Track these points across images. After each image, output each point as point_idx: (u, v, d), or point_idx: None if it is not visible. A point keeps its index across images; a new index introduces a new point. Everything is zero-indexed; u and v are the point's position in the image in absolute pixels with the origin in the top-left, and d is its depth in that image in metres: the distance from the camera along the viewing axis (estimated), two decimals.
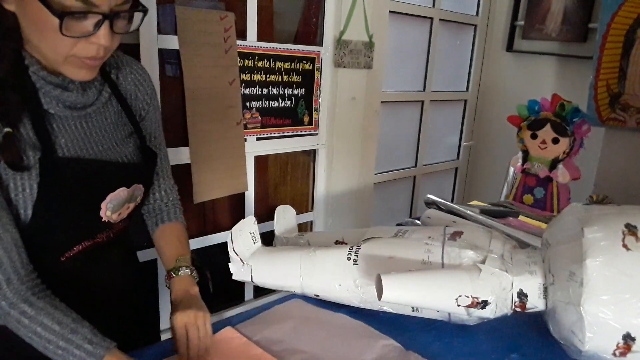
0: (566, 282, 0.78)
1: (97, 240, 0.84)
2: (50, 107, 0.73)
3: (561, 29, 2.38)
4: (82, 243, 0.81)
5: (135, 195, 0.86)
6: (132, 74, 0.89)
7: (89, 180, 0.77)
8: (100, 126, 0.81)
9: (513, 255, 0.91)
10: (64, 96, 0.74)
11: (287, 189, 2.15)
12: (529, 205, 1.72)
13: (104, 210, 0.80)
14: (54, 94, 0.73)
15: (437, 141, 2.79)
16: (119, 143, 0.84)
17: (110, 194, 0.80)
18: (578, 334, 0.76)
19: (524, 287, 0.86)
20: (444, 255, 0.92)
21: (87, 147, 0.78)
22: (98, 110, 0.81)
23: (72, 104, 0.76)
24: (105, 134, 0.82)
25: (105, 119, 0.83)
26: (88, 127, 0.79)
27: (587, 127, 1.61)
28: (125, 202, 0.84)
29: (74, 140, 0.77)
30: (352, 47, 1.93)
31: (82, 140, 0.78)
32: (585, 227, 0.78)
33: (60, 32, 0.64)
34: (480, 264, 0.87)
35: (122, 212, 0.84)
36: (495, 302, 0.85)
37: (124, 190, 0.82)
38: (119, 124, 0.85)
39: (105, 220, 0.82)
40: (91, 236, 0.82)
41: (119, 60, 0.88)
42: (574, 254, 0.78)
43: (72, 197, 0.75)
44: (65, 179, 0.74)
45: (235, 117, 1.61)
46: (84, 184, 0.77)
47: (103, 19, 0.66)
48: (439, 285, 0.85)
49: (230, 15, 1.53)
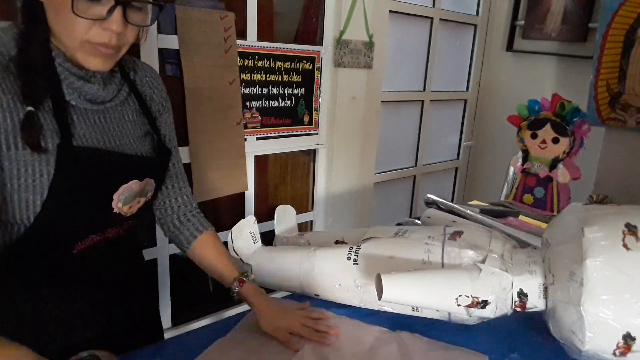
0: (566, 282, 0.78)
1: (107, 235, 0.85)
2: (72, 99, 0.76)
3: (561, 29, 2.38)
4: (93, 237, 0.83)
5: (146, 190, 0.87)
6: (147, 77, 0.92)
7: (103, 170, 0.79)
8: (118, 122, 0.84)
9: (513, 255, 0.91)
10: (86, 88, 0.76)
11: (287, 189, 2.15)
12: (529, 205, 1.72)
13: (116, 202, 0.81)
14: (76, 85, 0.75)
15: (437, 141, 2.79)
16: (135, 140, 0.87)
17: (123, 185, 0.81)
18: (578, 333, 0.76)
19: (524, 287, 0.86)
20: (444, 255, 0.92)
21: (104, 140, 0.81)
22: (117, 107, 0.84)
23: (92, 97, 0.78)
24: (123, 130, 0.85)
25: (123, 117, 0.85)
26: (107, 122, 0.82)
27: (587, 127, 1.61)
28: (136, 195, 0.85)
29: (92, 133, 0.79)
30: (352, 47, 1.93)
31: (100, 133, 0.80)
32: (585, 227, 0.78)
33: (72, 10, 0.67)
34: (481, 264, 0.87)
35: (132, 206, 0.85)
36: (496, 302, 0.85)
37: (136, 183, 0.83)
38: (136, 123, 0.88)
39: (116, 212, 0.83)
40: (102, 230, 0.84)
41: (136, 64, 0.91)
42: (574, 254, 0.78)
43: (86, 185, 0.77)
44: (81, 167, 0.76)
45: (235, 117, 1.61)
46: (98, 174, 0.79)
47: (115, 5, 0.69)
48: (439, 285, 0.86)
49: (230, 15, 1.53)
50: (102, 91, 0.79)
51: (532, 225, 1.44)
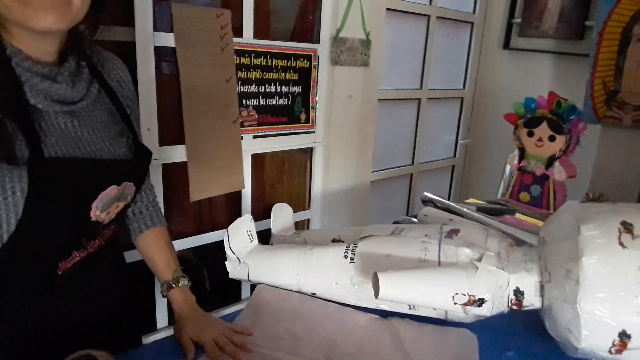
0: (562, 280, 0.79)
1: (89, 250, 0.82)
2: (38, 102, 0.69)
3: (558, 27, 2.38)
4: (75, 254, 0.79)
5: (125, 194, 0.83)
6: (114, 70, 0.86)
7: (80, 180, 0.74)
8: (91, 125, 0.78)
9: (509, 253, 0.92)
10: (53, 89, 0.69)
11: (284, 187, 2.14)
12: (526, 203, 1.73)
13: (94, 210, 0.77)
14: (41, 87, 0.68)
15: (434, 139, 2.79)
16: (111, 143, 0.81)
17: (101, 192, 0.77)
18: (574, 331, 0.76)
19: (520, 285, 0.86)
20: (440, 253, 0.92)
21: (78, 147, 0.75)
22: (88, 107, 0.78)
23: (60, 97, 0.71)
24: (98, 133, 0.79)
25: (96, 118, 0.79)
26: (80, 126, 0.76)
27: (583, 125, 1.62)
28: (114, 200, 0.81)
29: (64, 140, 0.72)
30: (349, 45, 1.93)
31: (72, 140, 0.74)
32: (581, 224, 0.78)
33: None
34: (477, 262, 0.87)
35: (110, 212, 0.81)
36: (492, 300, 0.85)
37: (114, 189, 0.79)
38: (110, 123, 0.82)
39: (94, 220, 0.78)
40: (82, 245, 0.80)
41: (100, 56, 0.84)
42: (570, 252, 0.78)
43: (64, 198, 0.72)
44: (56, 180, 0.70)
45: (231, 115, 1.61)
46: (75, 185, 0.73)
47: None
48: (436, 283, 0.86)
49: (226, 12, 1.52)
50: (70, 90, 0.72)
51: (529, 223, 1.44)
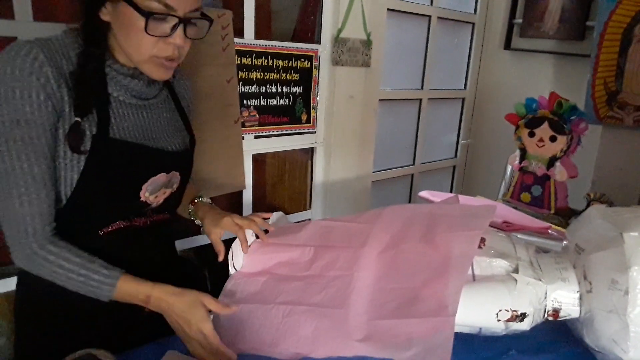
0: (608, 290, 0.76)
1: (134, 223, 0.93)
2: (120, 95, 0.87)
3: (559, 27, 2.38)
4: (120, 222, 0.91)
5: (172, 182, 0.96)
6: (181, 79, 1.06)
7: (134, 163, 0.88)
8: (157, 119, 0.95)
9: (539, 260, 0.88)
10: (132, 84, 0.87)
11: (285, 187, 2.15)
12: (527, 203, 1.73)
13: (144, 192, 0.90)
14: (123, 82, 0.86)
15: (435, 139, 2.79)
16: (169, 135, 0.97)
17: (152, 177, 0.90)
18: (621, 343, 0.75)
19: (558, 296, 0.83)
20: (474, 265, 0.87)
21: (140, 134, 0.90)
22: (157, 104, 0.96)
23: (137, 93, 0.89)
24: (160, 125, 0.96)
25: (162, 113, 0.97)
26: (147, 117, 0.93)
27: (584, 125, 1.61)
28: (162, 186, 0.94)
29: (131, 127, 0.89)
30: (350, 45, 1.93)
31: (138, 128, 0.90)
32: (624, 232, 0.76)
33: (145, 30, 0.77)
34: (515, 274, 0.83)
35: (158, 196, 0.94)
36: (533, 314, 0.82)
37: (163, 176, 0.93)
38: (172, 120, 1.00)
39: (143, 201, 0.91)
40: (128, 217, 0.92)
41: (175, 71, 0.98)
42: (616, 261, 0.75)
43: (115, 176, 0.86)
44: (112, 158, 0.85)
45: (233, 116, 1.61)
46: (129, 166, 0.88)
47: (179, 23, 0.80)
48: (479, 301, 0.82)
49: (227, 13, 1.52)
50: (146, 88, 0.90)
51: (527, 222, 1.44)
